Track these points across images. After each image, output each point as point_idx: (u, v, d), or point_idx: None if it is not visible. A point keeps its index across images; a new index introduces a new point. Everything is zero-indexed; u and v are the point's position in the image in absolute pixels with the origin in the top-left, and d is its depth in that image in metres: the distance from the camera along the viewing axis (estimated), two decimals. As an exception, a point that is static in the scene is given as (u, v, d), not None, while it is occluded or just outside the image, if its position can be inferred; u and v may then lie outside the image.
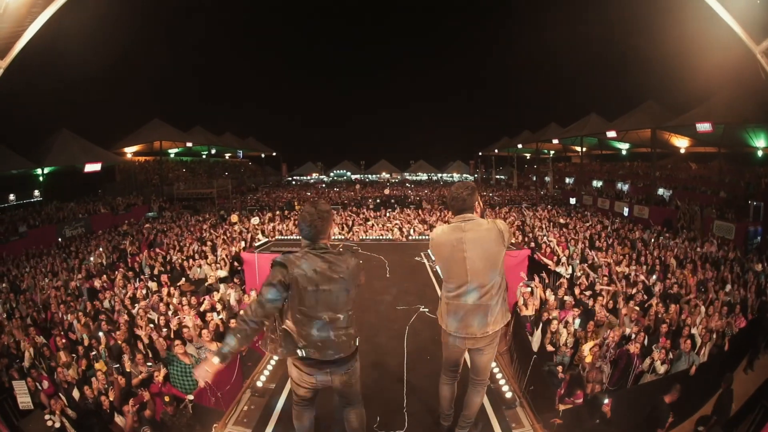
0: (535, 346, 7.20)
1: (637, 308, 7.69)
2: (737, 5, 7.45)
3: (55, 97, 26.63)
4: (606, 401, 5.23)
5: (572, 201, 28.15)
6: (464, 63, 68.12)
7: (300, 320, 2.68)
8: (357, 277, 2.83)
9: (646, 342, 6.66)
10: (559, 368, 6.22)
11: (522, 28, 54.76)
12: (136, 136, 32.69)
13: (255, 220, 18.67)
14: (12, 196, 23.63)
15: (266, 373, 4.82)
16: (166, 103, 37.83)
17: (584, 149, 35.35)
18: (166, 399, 5.11)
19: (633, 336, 6.59)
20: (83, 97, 28.41)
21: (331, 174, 55.58)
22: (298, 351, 2.75)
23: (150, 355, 6.54)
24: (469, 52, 67.16)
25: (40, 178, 23.40)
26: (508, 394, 4.33)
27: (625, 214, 22.10)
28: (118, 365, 6.21)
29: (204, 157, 42.35)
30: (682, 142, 27.25)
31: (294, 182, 51.81)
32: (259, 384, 4.60)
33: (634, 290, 8.97)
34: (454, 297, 3.13)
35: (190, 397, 5.26)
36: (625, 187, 29.27)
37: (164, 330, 7.35)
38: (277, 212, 22.24)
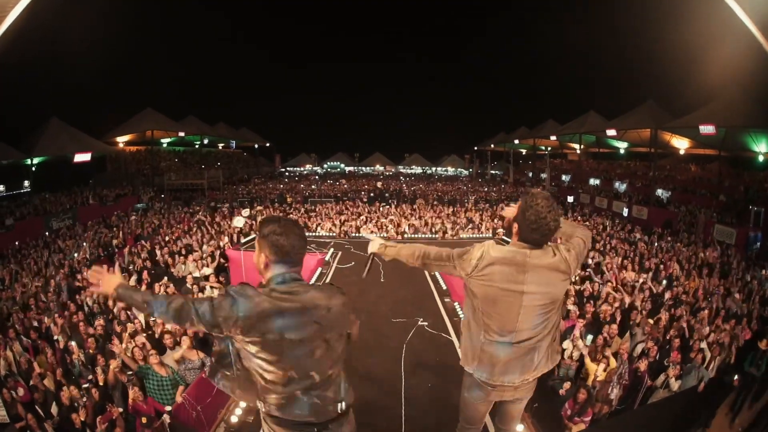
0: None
1: (650, 321, 7.32)
2: (756, 8, 7.23)
3: (46, 85, 25.81)
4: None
5: (570, 199, 27.85)
6: (462, 57, 67.76)
7: (257, 372, 1.95)
8: (343, 324, 2.04)
9: (657, 357, 6.31)
10: (566, 385, 5.82)
11: (522, 24, 54.54)
12: (128, 125, 31.97)
13: (246, 212, 18.65)
14: (1, 187, 23.08)
15: (243, 403, 4.32)
16: (160, 91, 37.09)
17: (582, 147, 34.95)
18: (143, 420, 4.67)
19: (646, 351, 6.22)
20: (74, 85, 27.56)
21: (325, 165, 54.89)
22: (258, 403, 2.04)
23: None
24: (468, 47, 66.76)
25: (33, 168, 22.37)
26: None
27: (624, 214, 21.82)
28: (91, 377, 5.75)
29: (197, 147, 41.59)
30: (682, 143, 26.93)
31: (287, 173, 51.00)
32: (234, 419, 4.09)
33: (642, 299, 8.61)
34: (491, 341, 2.37)
35: (167, 414, 4.82)
36: (623, 187, 28.97)
37: (142, 335, 6.82)
38: (268, 205, 21.93)
